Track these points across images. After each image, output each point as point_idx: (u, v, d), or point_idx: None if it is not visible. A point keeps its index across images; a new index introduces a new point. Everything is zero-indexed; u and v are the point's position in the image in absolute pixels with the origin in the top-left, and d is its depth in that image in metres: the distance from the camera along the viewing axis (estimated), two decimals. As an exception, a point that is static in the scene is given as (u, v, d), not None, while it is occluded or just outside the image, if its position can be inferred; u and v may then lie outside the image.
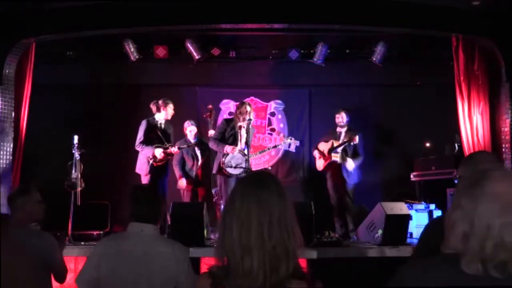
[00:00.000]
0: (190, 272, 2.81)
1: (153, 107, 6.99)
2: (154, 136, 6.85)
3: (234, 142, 6.55)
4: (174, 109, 7.09)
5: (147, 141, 6.79)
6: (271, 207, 1.60)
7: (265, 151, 7.29)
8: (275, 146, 7.41)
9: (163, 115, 6.95)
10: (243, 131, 6.50)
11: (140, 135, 6.82)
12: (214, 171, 6.65)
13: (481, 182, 1.45)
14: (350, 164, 6.87)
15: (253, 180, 1.70)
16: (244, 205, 1.60)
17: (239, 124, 6.53)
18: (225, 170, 6.45)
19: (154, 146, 6.75)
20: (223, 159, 6.47)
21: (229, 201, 1.66)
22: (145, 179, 6.76)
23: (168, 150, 6.79)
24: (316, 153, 7.18)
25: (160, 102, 6.96)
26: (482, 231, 1.39)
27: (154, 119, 6.95)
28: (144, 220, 2.85)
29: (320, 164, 7.16)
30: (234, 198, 1.64)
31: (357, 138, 6.75)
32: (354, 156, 6.93)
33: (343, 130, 7.07)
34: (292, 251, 1.59)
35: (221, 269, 1.61)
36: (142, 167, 6.82)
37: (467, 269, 1.40)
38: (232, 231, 1.58)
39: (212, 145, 6.68)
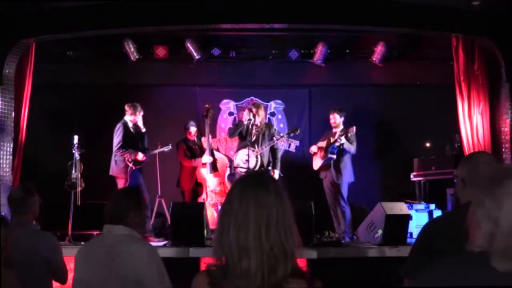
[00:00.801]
0: (158, 274, 2.73)
1: (129, 109, 6.88)
2: (132, 139, 6.83)
3: (243, 142, 6.85)
4: (173, 109, 7.15)
5: (126, 145, 6.74)
6: (269, 208, 1.59)
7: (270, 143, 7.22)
8: (281, 137, 7.29)
9: (133, 118, 6.87)
10: (253, 130, 6.73)
11: (119, 139, 6.72)
12: (228, 172, 6.93)
13: (504, 181, 1.45)
14: (342, 138, 6.80)
15: (251, 180, 1.68)
16: (242, 205, 1.59)
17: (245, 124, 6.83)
18: (236, 170, 6.67)
19: (133, 149, 6.76)
20: (233, 161, 6.82)
21: (227, 201, 1.64)
22: (122, 182, 6.73)
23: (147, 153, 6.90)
24: (312, 149, 7.18)
25: (137, 105, 6.91)
26: (508, 230, 1.40)
27: (127, 122, 6.88)
28: (112, 221, 2.83)
29: (316, 163, 7.15)
30: (232, 198, 1.62)
31: (354, 128, 6.71)
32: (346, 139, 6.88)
33: (338, 130, 7.05)
34: (290, 252, 1.58)
35: (219, 269, 1.60)
36: (121, 171, 6.75)
37: (498, 267, 1.41)
38: (230, 231, 1.57)
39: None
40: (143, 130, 6.95)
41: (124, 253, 2.74)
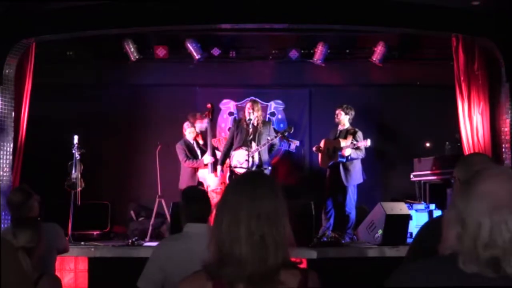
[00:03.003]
0: None
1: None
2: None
3: (239, 142, 6.79)
4: (173, 109, 7.17)
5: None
6: (261, 201, 1.64)
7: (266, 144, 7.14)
8: (275, 137, 7.11)
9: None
10: (250, 129, 6.67)
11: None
12: (229, 172, 6.91)
13: (472, 181, 1.45)
14: (347, 151, 6.71)
15: (246, 176, 1.79)
16: (235, 198, 1.66)
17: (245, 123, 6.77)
18: (235, 171, 6.64)
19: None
20: (230, 161, 6.76)
21: (223, 195, 1.72)
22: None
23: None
24: (314, 149, 7.16)
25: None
26: (474, 230, 1.39)
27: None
28: (199, 220, 2.91)
29: (321, 160, 7.11)
30: (227, 193, 1.71)
31: (367, 142, 6.64)
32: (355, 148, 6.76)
33: (344, 128, 7.00)
34: (281, 243, 1.63)
35: (214, 261, 1.66)
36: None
37: (465, 269, 1.40)
38: (223, 223, 1.64)
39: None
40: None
41: None
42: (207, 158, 7.00)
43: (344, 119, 6.99)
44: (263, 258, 1.60)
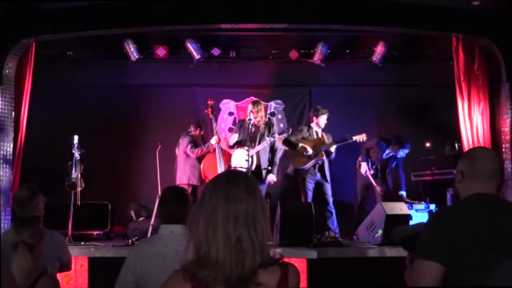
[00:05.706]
0: None
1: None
2: None
3: (240, 142, 6.80)
4: (173, 109, 7.16)
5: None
6: (238, 202, 1.64)
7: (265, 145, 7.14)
8: (273, 137, 7.14)
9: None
10: (252, 129, 6.67)
11: None
12: None
13: None
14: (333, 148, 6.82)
15: (223, 176, 1.76)
16: (212, 199, 1.66)
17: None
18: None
19: None
20: (230, 161, 6.77)
21: (200, 197, 1.72)
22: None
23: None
24: (310, 154, 7.15)
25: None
26: None
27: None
28: (172, 221, 2.91)
29: (298, 162, 7.09)
30: (204, 194, 1.71)
31: (364, 136, 6.82)
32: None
33: (319, 130, 7.04)
34: (259, 245, 1.63)
35: (193, 262, 1.66)
36: None
37: None
38: (200, 224, 1.64)
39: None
40: None
41: None
42: (213, 139, 7.03)
43: (317, 122, 7.06)
44: (240, 261, 1.60)
